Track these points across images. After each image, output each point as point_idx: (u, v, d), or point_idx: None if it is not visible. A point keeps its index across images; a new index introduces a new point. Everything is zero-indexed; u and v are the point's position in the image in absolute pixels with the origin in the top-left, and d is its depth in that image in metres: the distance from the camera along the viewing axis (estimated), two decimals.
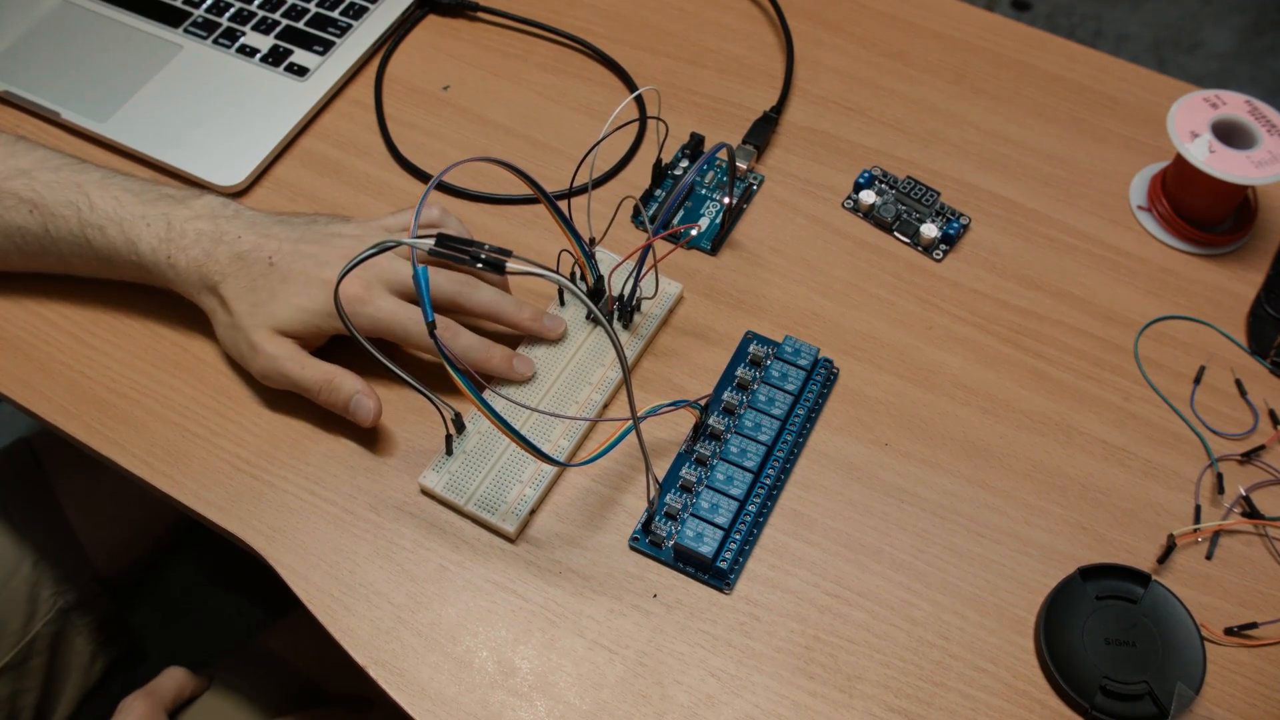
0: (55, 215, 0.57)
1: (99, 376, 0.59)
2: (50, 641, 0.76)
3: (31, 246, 0.58)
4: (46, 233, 0.57)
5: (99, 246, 0.57)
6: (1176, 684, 0.49)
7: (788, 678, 0.51)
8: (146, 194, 0.58)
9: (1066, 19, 1.71)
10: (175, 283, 0.57)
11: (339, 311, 0.49)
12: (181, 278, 0.57)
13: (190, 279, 0.56)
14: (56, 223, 0.57)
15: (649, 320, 0.60)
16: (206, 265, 0.56)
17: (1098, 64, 0.73)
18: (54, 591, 0.76)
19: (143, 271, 0.57)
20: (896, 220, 0.65)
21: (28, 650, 0.74)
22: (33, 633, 0.75)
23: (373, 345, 0.50)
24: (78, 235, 0.57)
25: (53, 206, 0.57)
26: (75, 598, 0.77)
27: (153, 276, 0.58)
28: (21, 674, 0.74)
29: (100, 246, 0.57)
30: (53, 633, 0.76)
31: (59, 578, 0.77)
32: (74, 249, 0.57)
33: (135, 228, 0.56)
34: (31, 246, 0.58)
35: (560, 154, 0.68)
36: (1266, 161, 0.60)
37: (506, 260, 0.45)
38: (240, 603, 1.13)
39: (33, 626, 0.75)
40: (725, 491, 0.54)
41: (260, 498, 0.55)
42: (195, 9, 0.74)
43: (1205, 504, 0.56)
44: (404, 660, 0.51)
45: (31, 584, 0.75)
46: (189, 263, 0.56)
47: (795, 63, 0.72)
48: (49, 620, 0.76)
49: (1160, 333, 0.61)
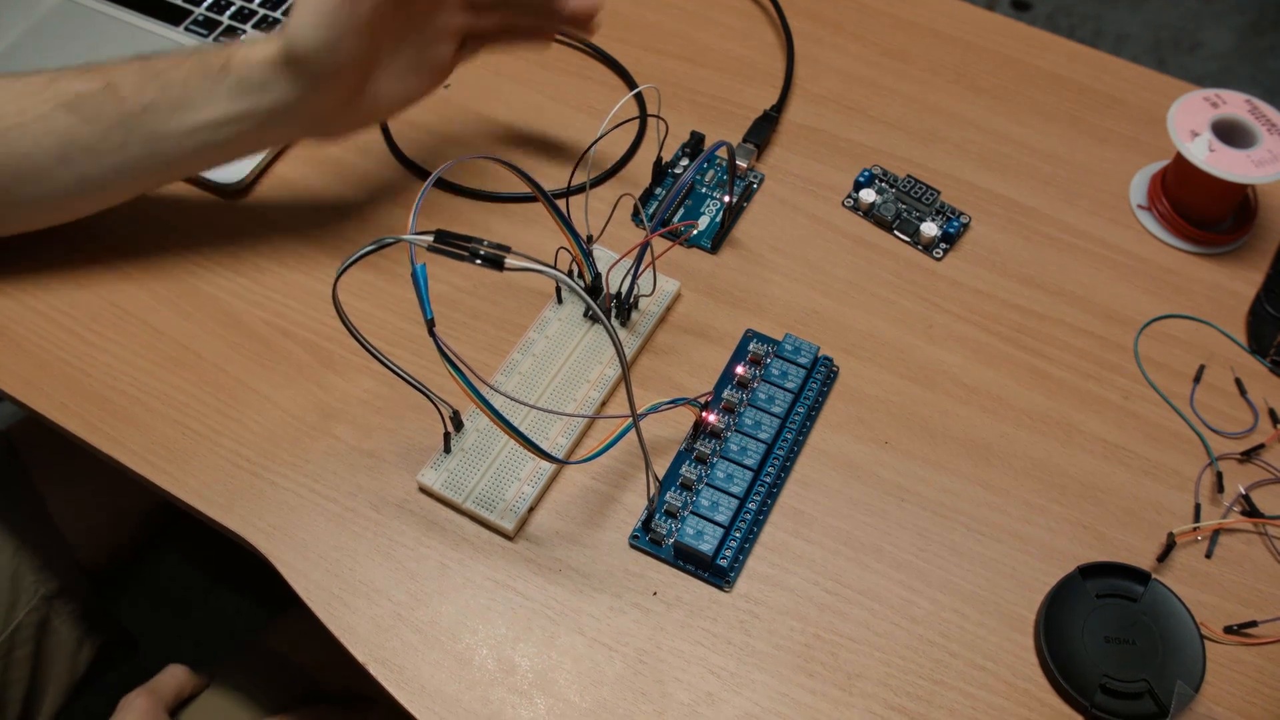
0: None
1: (99, 373, 0.59)
2: (35, 630, 0.76)
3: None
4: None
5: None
6: (1176, 682, 0.49)
7: (788, 675, 0.51)
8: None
9: (1066, 19, 1.71)
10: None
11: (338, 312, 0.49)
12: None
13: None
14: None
15: (647, 318, 0.60)
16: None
17: (1098, 64, 0.73)
18: (35, 579, 0.76)
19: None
20: (897, 219, 0.65)
21: (12, 639, 0.74)
22: (16, 621, 0.75)
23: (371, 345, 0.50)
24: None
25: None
26: (58, 585, 0.77)
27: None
28: (8, 664, 0.74)
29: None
30: (36, 621, 0.76)
31: (40, 565, 0.76)
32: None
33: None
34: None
35: (560, 152, 0.68)
36: (1266, 161, 0.60)
37: (505, 256, 0.45)
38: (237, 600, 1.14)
39: (16, 615, 0.75)
40: (725, 489, 0.54)
41: (260, 495, 0.55)
42: (196, 7, 0.74)
43: (1205, 503, 0.56)
44: (404, 658, 0.51)
45: (12, 573, 0.75)
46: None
47: (795, 62, 0.72)
48: (32, 608, 0.76)
49: (1160, 332, 0.61)
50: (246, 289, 0.62)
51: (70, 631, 0.78)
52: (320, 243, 0.64)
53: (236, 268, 0.63)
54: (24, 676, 0.75)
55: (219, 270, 0.63)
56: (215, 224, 0.65)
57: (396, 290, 0.62)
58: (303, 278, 0.63)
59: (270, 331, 0.61)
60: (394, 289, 0.62)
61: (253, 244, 0.64)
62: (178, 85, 0.55)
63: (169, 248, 0.64)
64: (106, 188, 0.58)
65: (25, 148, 0.55)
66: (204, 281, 0.62)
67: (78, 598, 0.79)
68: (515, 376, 0.58)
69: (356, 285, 0.62)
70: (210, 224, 0.65)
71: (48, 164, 0.56)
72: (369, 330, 0.60)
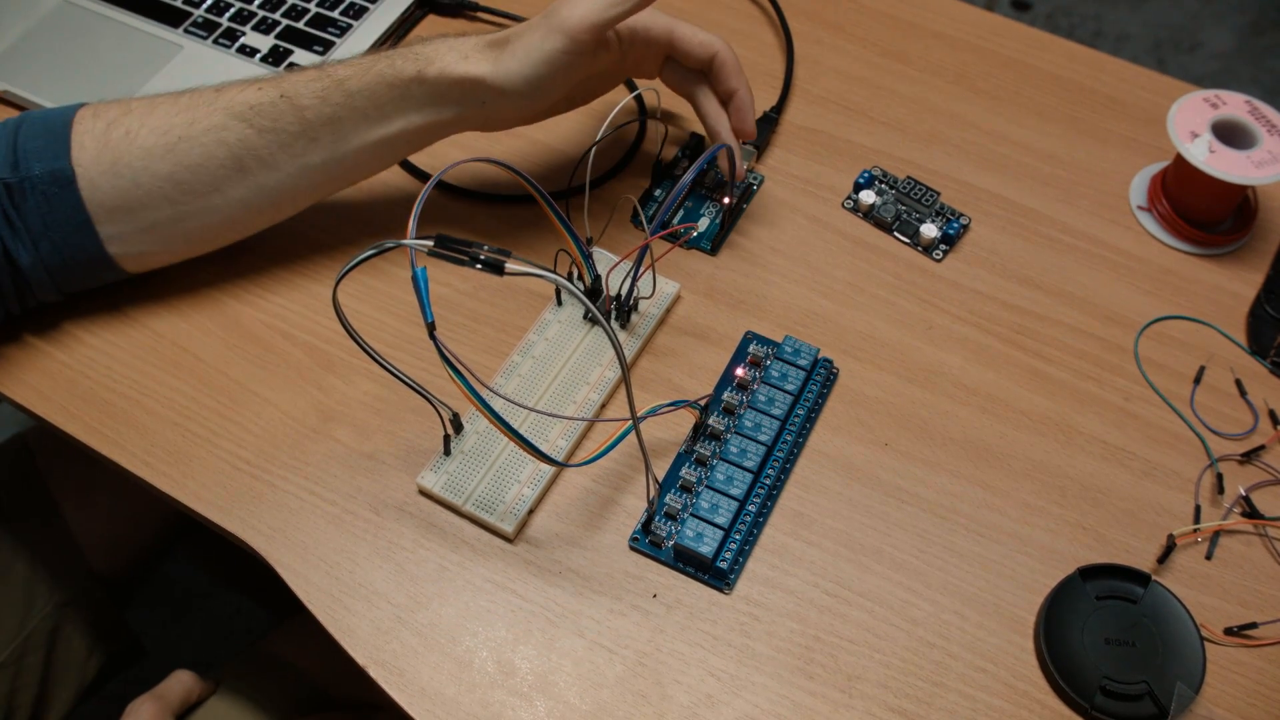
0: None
1: (99, 376, 0.59)
2: (47, 638, 0.76)
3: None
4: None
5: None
6: (1176, 684, 0.49)
7: (787, 678, 0.51)
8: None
9: (1066, 19, 1.71)
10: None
11: (338, 315, 0.49)
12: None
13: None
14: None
15: (646, 320, 0.60)
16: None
17: (1098, 64, 0.73)
18: (49, 588, 0.76)
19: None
20: (896, 220, 0.65)
21: (24, 647, 0.75)
22: (29, 629, 0.75)
23: (371, 348, 0.50)
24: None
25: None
26: (71, 594, 0.77)
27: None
28: (19, 670, 0.74)
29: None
30: (49, 629, 0.76)
31: (54, 574, 0.77)
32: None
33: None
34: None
35: (560, 154, 0.68)
36: (1266, 161, 0.60)
37: (505, 261, 0.45)
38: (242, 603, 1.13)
39: (29, 623, 0.75)
40: (725, 491, 0.54)
41: (260, 498, 0.55)
42: (195, 9, 0.74)
43: (1205, 504, 0.55)
44: (404, 660, 0.51)
45: (26, 580, 0.75)
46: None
47: (795, 63, 0.72)
48: (45, 616, 0.76)
49: (1160, 333, 0.61)
50: (247, 291, 0.62)
51: (81, 639, 0.78)
52: (320, 246, 0.64)
53: (237, 270, 0.63)
54: (34, 683, 0.75)
55: (219, 273, 0.63)
56: None
57: (396, 293, 0.62)
58: (303, 280, 0.63)
59: (270, 334, 0.61)
60: (394, 291, 0.62)
61: (253, 246, 0.63)
62: (364, 95, 0.56)
63: None
64: (278, 201, 0.58)
65: (197, 159, 0.55)
66: (204, 284, 0.62)
67: (90, 606, 0.79)
68: (515, 379, 0.58)
69: (356, 288, 0.62)
70: None
71: (221, 174, 0.56)
72: (369, 333, 0.60)
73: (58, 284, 0.57)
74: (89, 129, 0.55)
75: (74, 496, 0.79)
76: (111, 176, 0.55)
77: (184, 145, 0.55)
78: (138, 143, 0.55)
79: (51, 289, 0.58)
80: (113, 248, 0.56)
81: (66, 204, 0.55)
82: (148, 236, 0.57)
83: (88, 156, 0.55)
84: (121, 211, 0.55)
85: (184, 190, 0.56)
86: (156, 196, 0.55)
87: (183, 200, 0.56)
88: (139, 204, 0.55)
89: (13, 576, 0.75)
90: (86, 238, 0.56)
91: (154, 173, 0.55)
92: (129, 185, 0.55)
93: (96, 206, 0.55)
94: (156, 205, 0.56)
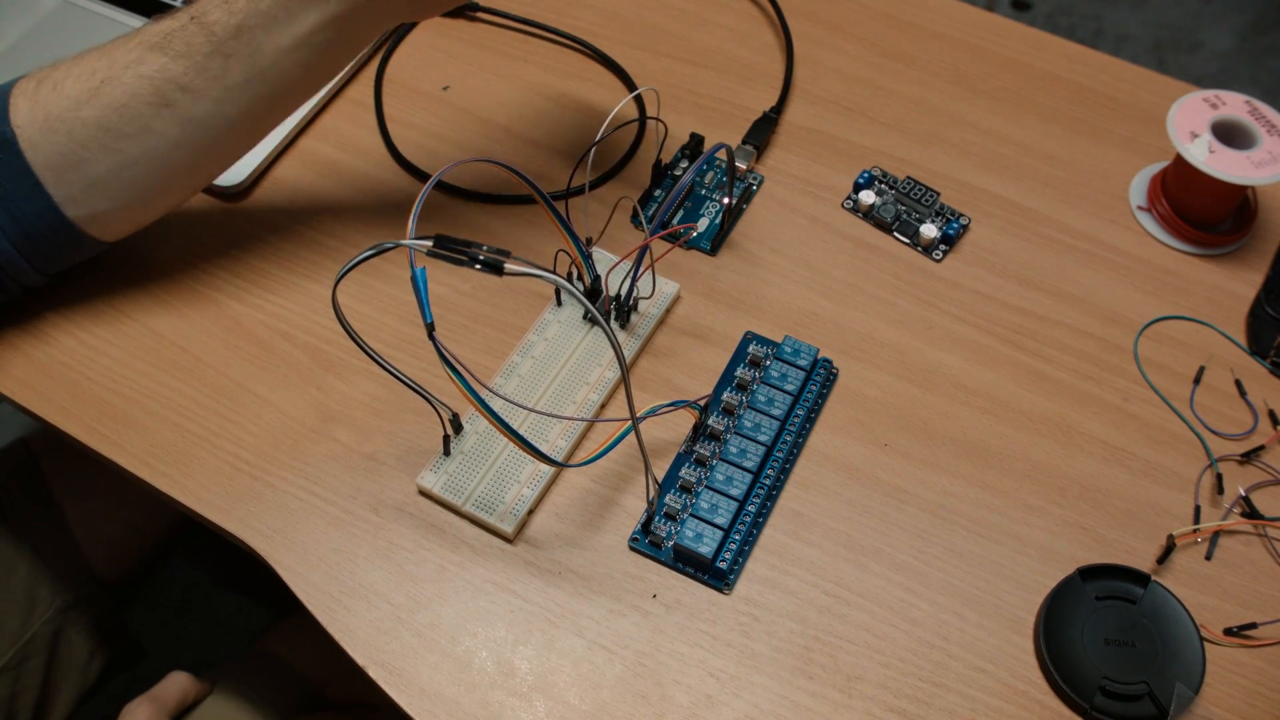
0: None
1: (98, 376, 0.59)
2: (49, 641, 0.76)
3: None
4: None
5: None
6: (1176, 684, 0.49)
7: (787, 678, 0.51)
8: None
9: (1066, 19, 1.71)
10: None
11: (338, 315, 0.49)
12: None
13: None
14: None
15: (646, 320, 0.60)
16: None
17: (1098, 64, 0.73)
18: (52, 591, 0.76)
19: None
20: (896, 220, 0.65)
21: (26, 650, 0.74)
22: (31, 632, 0.75)
23: (370, 348, 0.50)
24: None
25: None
26: (73, 597, 0.77)
27: None
28: (20, 674, 0.74)
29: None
30: (51, 632, 0.76)
31: (57, 577, 0.77)
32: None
33: None
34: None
35: (560, 154, 0.68)
36: (1266, 162, 0.60)
37: (505, 261, 0.45)
38: (241, 603, 1.14)
39: (31, 626, 0.75)
40: (725, 492, 0.54)
41: (259, 498, 0.55)
42: None
43: (1205, 504, 0.55)
44: (403, 660, 0.51)
45: (29, 583, 0.75)
46: None
47: (795, 63, 0.72)
48: (47, 620, 0.76)
49: (1160, 333, 0.61)
50: (246, 291, 0.62)
51: (83, 643, 0.78)
52: (319, 246, 0.64)
53: (236, 270, 0.63)
54: (35, 686, 0.75)
55: (218, 273, 0.63)
56: (215, 226, 0.65)
57: (396, 293, 0.62)
58: (302, 280, 0.63)
59: (270, 334, 0.61)
60: (393, 292, 0.62)
61: (252, 246, 0.64)
62: (266, 1, 0.53)
63: (168, 250, 0.64)
64: (215, 135, 0.56)
65: (121, 98, 0.54)
66: (203, 284, 0.62)
67: (92, 609, 0.79)
68: (514, 379, 0.58)
69: (356, 288, 0.62)
70: (210, 226, 0.65)
71: (148, 111, 0.54)
72: (368, 333, 0.60)
73: (31, 261, 0.56)
74: (23, 90, 0.54)
75: (77, 500, 0.79)
76: (46, 132, 0.54)
77: (107, 87, 0.54)
78: (64, 92, 0.54)
79: (28, 268, 0.56)
80: (69, 210, 0.55)
81: (13, 169, 0.54)
82: (96, 193, 0.55)
83: (22, 117, 0.54)
84: (66, 169, 0.54)
85: (115, 135, 0.54)
86: (92, 146, 0.54)
87: (116, 146, 0.54)
88: (77, 157, 0.54)
89: (15, 580, 0.75)
90: (40, 203, 0.54)
91: (84, 120, 0.54)
92: (64, 139, 0.54)
93: (42, 168, 0.54)
94: (95, 156, 0.54)
